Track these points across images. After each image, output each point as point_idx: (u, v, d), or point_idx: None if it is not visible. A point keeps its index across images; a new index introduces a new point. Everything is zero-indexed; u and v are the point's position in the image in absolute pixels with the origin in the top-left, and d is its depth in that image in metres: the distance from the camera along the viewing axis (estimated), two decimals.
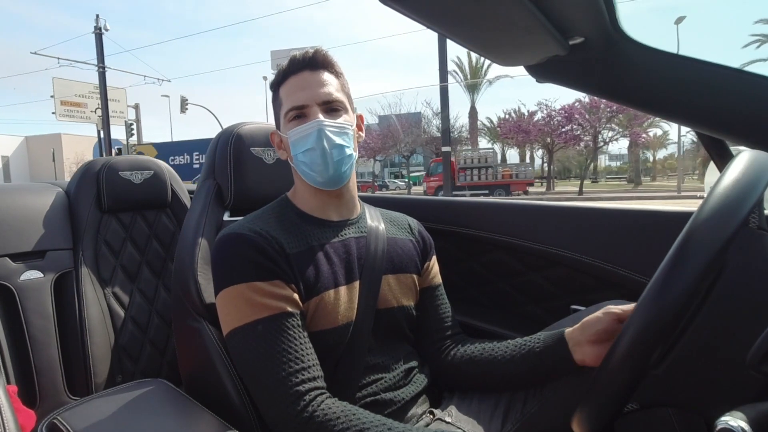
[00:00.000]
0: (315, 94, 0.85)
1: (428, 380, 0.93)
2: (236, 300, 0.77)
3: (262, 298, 0.76)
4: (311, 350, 0.77)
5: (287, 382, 0.72)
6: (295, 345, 0.75)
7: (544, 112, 20.64)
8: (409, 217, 1.05)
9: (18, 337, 1.12)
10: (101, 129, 18.29)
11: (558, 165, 41.85)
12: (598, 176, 43.37)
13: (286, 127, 0.87)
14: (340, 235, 0.89)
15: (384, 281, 0.89)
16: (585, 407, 0.59)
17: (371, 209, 0.99)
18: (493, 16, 0.69)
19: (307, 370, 0.74)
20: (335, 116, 0.86)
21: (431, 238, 1.04)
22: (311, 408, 0.71)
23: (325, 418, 0.70)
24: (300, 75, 0.86)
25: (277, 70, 0.90)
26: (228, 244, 0.80)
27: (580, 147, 20.98)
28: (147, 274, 1.37)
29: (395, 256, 0.93)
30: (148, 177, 1.41)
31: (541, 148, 24.53)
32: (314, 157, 0.84)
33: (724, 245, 0.50)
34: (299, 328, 0.76)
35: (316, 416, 0.70)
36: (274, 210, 0.90)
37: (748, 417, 0.44)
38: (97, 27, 17.40)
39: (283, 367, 0.73)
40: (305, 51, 0.87)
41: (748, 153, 0.57)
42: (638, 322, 0.52)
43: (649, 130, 21.99)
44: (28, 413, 0.83)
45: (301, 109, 0.85)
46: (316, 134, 0.83)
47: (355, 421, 0.70)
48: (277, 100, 0.90)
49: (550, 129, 20.10)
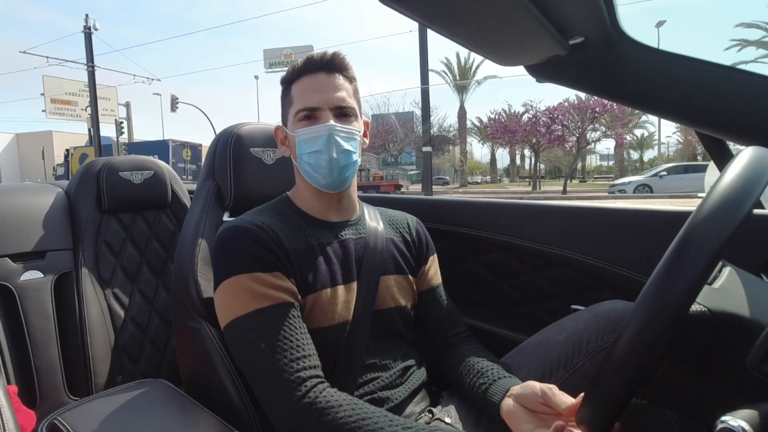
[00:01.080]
0: (329, 97, 0.84)
1: (426, 378, 0.94)
2: (238, 290, 0.77)
3: (263, 288, 0.76)
4: (311, 342, 0.77)
5: (288, 368, 0.72)
6: (296, 334, 0.75)
7: (531, 113, 20.94)
8: (409, 216, 1.05)
9: (18, 337, 1.12)
10: (91, 127, 18.29)
11: (548, 165, 42.06)
12: (587, 176, 43.54)
13: (295, 126, 0.86)
14: (339, 236, 0.89)
15: (382, 282, 0.90)
16: (586, 406, 0.59)
17: (371, 209, 0.99)
18: (493, 16, 0.69)
19: (308, 359, 0.74)
20: (346, 122, 0.86)
21: (429, 238, 1.04)
22: (312, 394, 0.71)
23: (327, 405, 0.70)
24: (315, 76, 0.86)
25: (290, 67, 0.89)
26: (229, 236, 0.81)
27: (566, 147, 21.22)
28: (147, 275, 1.37)
29: (393, 257, 0.94)
30: (148, 177, 1.41)
31: (528, 148, 24.76)
32: (320, 160, 0.84)
33: (724, 243, 0.50)
34: (299, 319, 0.77)
35: (318, 402, 0.70)
36: (275, 207, 0.90)
37: (748, 417, 0.44)
38: (86, 26, 17.45)
39: (285, 354, 0.73)
40: (323, 52, 0.87)
41: (748, 151, 0.57)
42: (638, 319, 0.52)
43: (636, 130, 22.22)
44: (28, 413, 0.83)
45: (313, 110, 0.85)
46: (326, 138, 0.83)
47: (358, 410, 0.70)
48: (288, 97, 0.89)
49: (535, 129, 20.40)
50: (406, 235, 1.00)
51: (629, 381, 0.54)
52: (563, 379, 0.82)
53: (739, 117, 0.80)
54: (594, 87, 0.92)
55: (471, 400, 0.87)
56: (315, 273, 0.83)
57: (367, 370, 0.85)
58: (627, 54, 0.82)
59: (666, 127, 29.70)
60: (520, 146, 27.42)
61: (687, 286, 0.50)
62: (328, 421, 0.69)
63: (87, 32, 17.48)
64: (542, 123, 20.24)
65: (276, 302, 0.76)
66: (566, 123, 19.54)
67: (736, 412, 0.45)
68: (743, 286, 0.66)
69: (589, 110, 18.36)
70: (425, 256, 1.01)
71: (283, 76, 0.91)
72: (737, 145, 0.91)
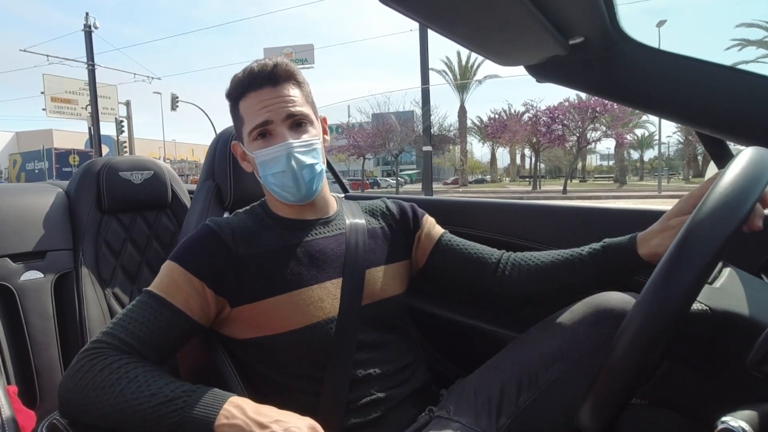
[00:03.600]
0: (279, 111, 0.83)
1: (425, 378, 0.93)
2: (168, 272, 0.79)
3: (181, 286, 0.78)
4: (159, 344, 0.75)
5: (110, 331, 0.73)
6: (151, 328, 0.74)
7: (531, 113, 20.98)
8: (386, 200, 1.04)
9: (18, 337, 1.12)
10: (91, 126, 18.33)
11: (548, 164, 42.11)
12: (587, 176, 43.57)
13: (252, 146, 0.85)
14: (313, 235, 0.89)
15: (368, 275, 0.89)
16: (587, 404, 0.59)
17: (349, 204, 0.99)
18: (493, 17, 0.69)
19: (133, 339, 0.73)
20: (301, 132, 0.85)
21: (414, 207, 1.03)
22: (94, 353, 0.70)
23: (102, 364, 0.69)
24: (260, 91, 0.83)
25: (234, 81, 0.86)
26: (199, 231, 0.84)
27: (566, 147, 21.26)
28: (147, 275, 1.37)
29: (377, 247, 0.93)
30: (148, 177, 1.41)
31: (528, 147, 24.80)
32: (285, 180, 0.84)
33: (724, 243, 0.50)
34: (172, 328, 0.76)
35: (95, 363, 0.69)
36: (253, 211, 0.92)
37: (748, 417, 0.44)
38: (86, 25, 17.49)
39: (126, 327, 0.74)
40: (263, 63, 0.84)
41: (748, 151, 0.57)
42: (639, 318, 0.52)
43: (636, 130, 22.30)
44: (28, 414, 0.83)
45: (265, 126, 0.83)
46: (285, 158, 0.83)
47: (124, 369, 0.69)
48: (237, 115, 0.87)
49: (535, 129, 20.44)
50: (388, 220, 0.99)
51: (629, 381, 0.54)
52: (561, 372, 0.81)
53: (739, 117, 0.80)
54: (594, 87, 0.92)
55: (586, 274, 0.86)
56: (285, 274, 0.83)
57: (362, 367, 0.84)
58: (627, 54, 0.82)
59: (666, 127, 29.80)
60: (521, 146, 27.45)
61: (687, 285, 0.50)
62: (93, 369, 0.69)
63: (87, 30, 17.52)
64: (543, 122, 20.32)
65: (173, 303, 0.77)
66: (566, 122, 19.62)
67: (737, 413, 0.45)
68: (743, 286, 0.67)
69: (589, 110, 18.44)
70: (414, 222, 1.00)
71: (227, 91, 0.88)
72: (737, 145, 0.91)
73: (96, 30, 17.74)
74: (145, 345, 0.74)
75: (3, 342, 1.09)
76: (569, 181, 20.98)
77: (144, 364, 0.71)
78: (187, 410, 0.65)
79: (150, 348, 0.74)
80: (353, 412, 0.82)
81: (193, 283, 0.78)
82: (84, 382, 0.68)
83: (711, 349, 0.61)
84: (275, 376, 0.84)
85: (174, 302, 0.77)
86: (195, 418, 0.65)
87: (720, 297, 0.63)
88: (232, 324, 0.84)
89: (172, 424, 0.65)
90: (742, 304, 0.61)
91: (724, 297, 0.63)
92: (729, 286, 0.66)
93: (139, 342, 0.74)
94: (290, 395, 0.83)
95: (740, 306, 0.61)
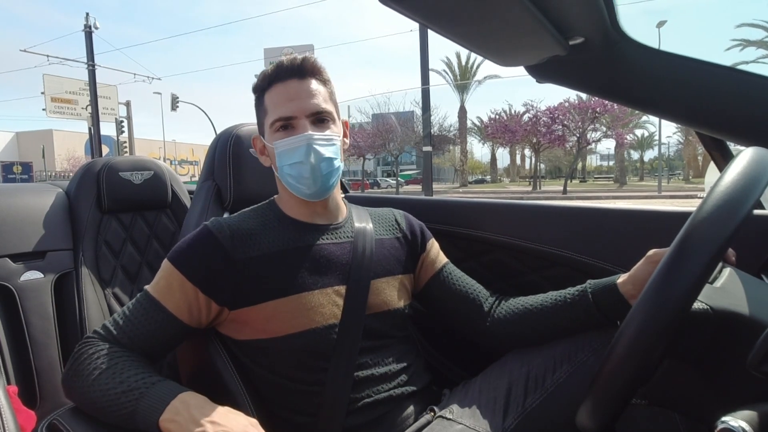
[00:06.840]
0: (304, 105, 0.83)
1: (426, 378, 0.93)
2: (165, 273, 0.81)
3: (175, 289, 0.79)
4: (150, 344, 0.78)
5: (105, 328, 0.78)
6: (142, 329, 0.77)
7: (531, 113, 20.97)
8: (395, 211, 1.03)
9: (18, 337, 1.12)
10: (91, 126, 18.36)
11: (548, 165, 42.12)
12: (587, 176, 43.60)
13: (272, 137, 0.85)
14: (323, 239, 0.88)
15: (373, 285, 0.88)
16: (587, 404, 0.59)
17: (358, 209, 0.98)
18: (493, 17, 0.69)
19: (124, 337, 0.77)
20: (323, 127, 0.85)
21: (423, 226, 1.03)
22: (85, 344, 0.76)
23: (88, 352, 0.74)
24: (287, 83, 0.84)
25: (261, 74, 0.87)
26: (198, 232, 0.84)
27: (566, 147, 21.26)
28: (147, 275, 1.37)
29: (383, 258, 0.92)
30: (148, 177, 1.41)
31: (528, 147, 24.82)
32: (302, 171, 0.83)
33: (724, 243, 0.50)
34: (163, 330, 0.78)
35: (84, 352, 0.74)
36: (258, 211, 0.91)
37: (748, 417, 0.44)
38: (87, 25, 17.51)
39: (118, 323, 0.78)
40: (293, 57, 0.85)
41: (748, 152, 0.57)
42: (639, 318, 0.52)
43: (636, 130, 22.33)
44: (28, 414, 0.83)
45: (288, 119, 0.83)
46: (305, 148, 0.82)
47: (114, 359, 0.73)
48: (262, 107, 0.88)
49: (535, 129, 20.44)
50: (396, 233, 0.98)
51: (629, 381, 0.54)
52: (568, 374, 0.82)
53: (739, 117, 0.80)
54: (594, 87, 0.92)
55: (569, 318, 0.85)
56: (286, 277, 0.82)
57: (363, 370, 0.84)
58: (627, 54, 0.82)
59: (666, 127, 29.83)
60: (521, 146, 27.45)
61: (687, 285, 0.50)
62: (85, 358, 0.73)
63: (87, 31, 17.54)
64: (543, 123, 20.31)
65: (165, 307, 0.78)
66: (567, 123, 19.61)
67: (737, 413, 0.45)
68: (743, 286, 0.67)
69: (589, 110, 18.44)
70: (421, 245, 1.00)
71: (254, 84, 0.89)
72: (737, 145, 0.91)
73: (96, 30, 17.78)
74: (135, 343, 0.77)
75: (3, 342, 1.09)
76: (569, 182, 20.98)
77: (129, 356, 0.74)
78: (142, 401, 0.67)
79: (140, 346, 0.77)
80: (354, 412, 0.82)
81: (186, 287, 0.78)
82: (73, 368, 0.74)
83: (711, 349, 0.61)
84: (275, 378, 0.84)
85: (166, 306, 0.78)
86: (144, 410, 0.67)
87: (720, 296, 0.63)
88: (232, 325, 0.84)
89: (126, 414, 0.67)
90: (742, 303, 0.61)
91: (725, 296, 0.63)
92: (729, 286, 0.66)
93: (130, 340, 0.77)
94: (291, 396, 0.83)
95: (740, 306, 0.61)
